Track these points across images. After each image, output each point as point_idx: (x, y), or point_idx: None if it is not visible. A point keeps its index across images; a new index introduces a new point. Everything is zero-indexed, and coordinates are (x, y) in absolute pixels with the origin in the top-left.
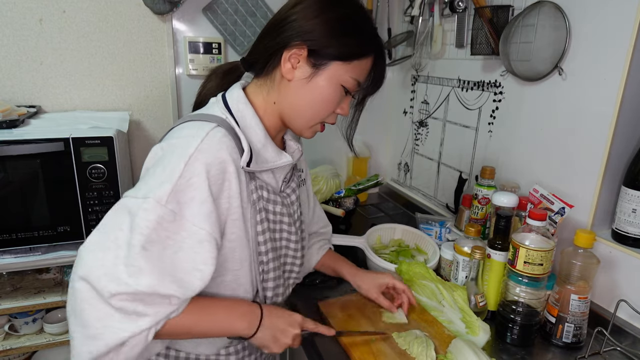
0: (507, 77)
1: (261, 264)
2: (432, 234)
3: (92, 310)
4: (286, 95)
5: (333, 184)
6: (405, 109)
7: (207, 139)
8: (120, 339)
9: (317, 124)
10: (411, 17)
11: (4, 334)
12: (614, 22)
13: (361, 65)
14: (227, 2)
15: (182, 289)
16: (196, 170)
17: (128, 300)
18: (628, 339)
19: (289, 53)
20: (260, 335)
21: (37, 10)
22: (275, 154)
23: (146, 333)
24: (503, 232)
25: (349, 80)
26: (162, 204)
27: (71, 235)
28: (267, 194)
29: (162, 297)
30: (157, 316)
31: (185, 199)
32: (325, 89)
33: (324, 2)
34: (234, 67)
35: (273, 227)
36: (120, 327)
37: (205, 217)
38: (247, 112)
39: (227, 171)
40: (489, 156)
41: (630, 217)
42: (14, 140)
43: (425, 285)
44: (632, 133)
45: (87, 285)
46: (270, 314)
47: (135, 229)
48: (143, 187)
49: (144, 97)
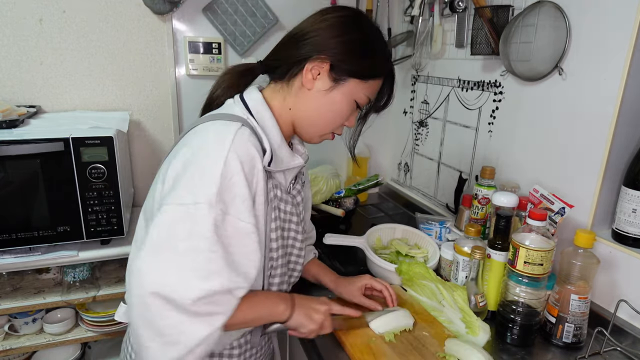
0: (507, 77)
1: (270, 260)
2: (432, 234)
3: (168, 320)
4: (303, 104)
5: (333, 184)
6: (405, 109)
7: (237, 139)
8: (199, 339)
9: (327, 133)
10: (411, 17)
11: (4, 334)
12: (614, 22)
13: (375, 84)
14: (227, 2)
15: (246, 280)
16: (235, 169)
17: (205, 303)
18: (628, 339)
19: (312, 64)
20: (296, 316)
21: (37, 10)
22: (289, 156)
23: (218, 330)
24: (503, 232)
25: (363, 97)
26: (214, 206)
27: (71, 235)
28: (280, 194)
29: (231, 292)
30: (228, 313)
31: (230, 197)
32: (340, 103)
33: (349, 23)
34: (250, 69)
35: (283, 225)
36: (196, 328)
37: (249, 211)
38: (265, 114)
39: (256, 167)
40: (489, 156)
41: (630, 217)
42: (14, 140)
43: (425, 285)
44: (632, 133)
45: (161, 299)
46: (300, 297)
47: (197, 235)
48: (186, 194)
49: (144, 97)
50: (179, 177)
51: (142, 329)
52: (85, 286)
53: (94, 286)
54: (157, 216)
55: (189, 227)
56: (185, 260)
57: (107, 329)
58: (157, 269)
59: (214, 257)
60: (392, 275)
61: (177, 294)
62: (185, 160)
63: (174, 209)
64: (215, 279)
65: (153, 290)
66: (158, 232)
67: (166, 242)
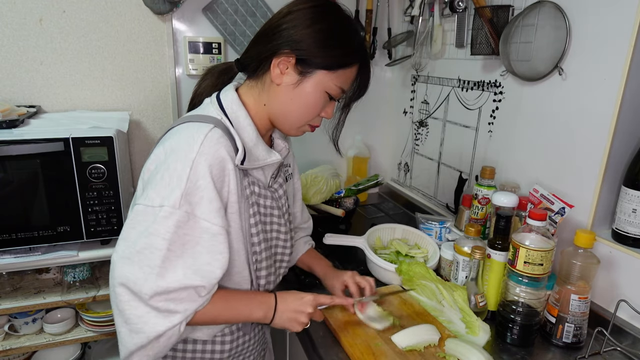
0: (507, 77)
1: (254, 254)
2: (432, 234)
3: (133, 310)
4: (275, 99)
5: (333, 184)
6: (405, 109)
7: (207, 141)
8: (157, 332)
9: (303, 125)
10: (411, 17)
11: (4, 334)
12: (614, 22)
13: (345, 74)
14: (227, 2)
15: (206, 279)
16: (201, 172)
17: (162, 300)
18: (628, 339)
19: (278, 60)
20: (279, 320)
21: (37, 10)
22: (265, 153)
23: (178, 326)
24: (503, 232)
25: (333, 88)
26: (177, 209)
27: (71, 235)
28: (258, 189)
29: (190, 291)
30: (187, 312)
31: (196, 199)
32: (310, 95)
33: (314, 14)
34: (229, 68)
35: (264, 219)
36: (156, 322)
37: (216, 213)
38: (240, 113)
39: (226, 168)
40: (489, 156)
41: (630, 217)
42: (14, 140)
43: (425, 285)
44: (632, 133)
45: (126, 290)
46: (283, 300)
47: (157, 235)
48: (154, 196)
49: (144, 97)
50: (150, 179)
51: (115, 315)
52: (85, 286)
53: (94, 286)
54: (129, 214)
55: (151, 227)
56: (144, 257)
57: (107, 329)
58: (123, 263)
59: (171, 256)
60: (392, 275)
61: (137, 287)
62: (158, 162)
63: (142, 210)
64: (170, 277)
65: (120, 281)
66: (127, 229)
67: (132, 239)
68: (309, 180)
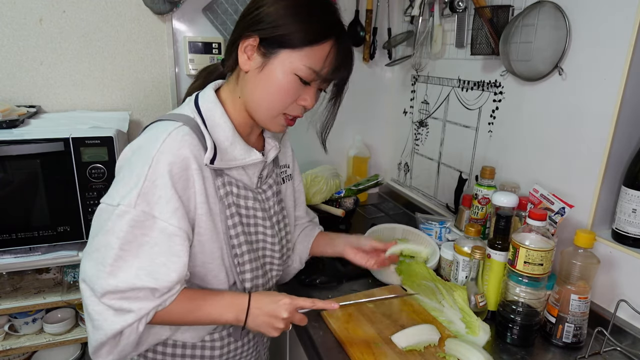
0: (507, 77)
1: (235, 256)
2: (432, 234)
3: (94, 306)
4: (245, 87)
5: (333, 184)
6: (405, 109)
7: (169, 139)
8: (114, 330)
9: (278, 115)
10: (411, 17)
11: (4, 334)
12: (614, 22)
13: (315, 52)
14: (227, 2)
15: (159, 281)
16: (159, 171)
17: (115, 298)
18: (628, 339)
19: (244, 44)
20: (251, 325)
21: (37, 10)
22: (243, 152)
23: (136, 325)
24: (503, 232)
25: (302, 69)
26: (132, 207)
27: (71, 235)
28: (237, 190)
29: (143, 291)
30: (141, 312)
31: (154, 199)
32: (276, 78)
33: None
34: (216, 68)
35: (247, 221)
36: (113, 320)
37: (172, 213)
38: (215, 111)
39: (189, 168)
40: (489, 156)
41: (630, 217)
42: (14, 140)
43: (425, 285)
44: (632, 133)
45: (86, 286)
46: (258, 302)
47: (112, 233)
48: (115, 194)
49: (144, 97)
50: (116, 177)
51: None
52: None
53: None
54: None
55: (107, 225)
56: (100, 255)
57: None
58: (85, 260)
59: (125, 255)
60: (392, 275)
61: (92, 284)
62: (124, 160)
63: (103, 208)
64: (121, 277)
65: (82, 277)
66: (92, 226)
67: (92, 237)
68: (309, 180)
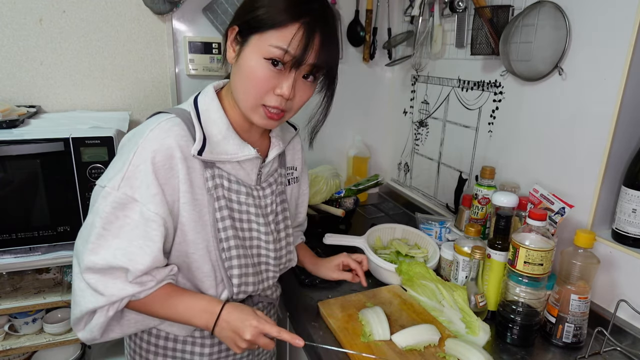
0: (507, 77)
1: (223, 250)
2: (432, 234)
3: (77, 282)
4: (231, 81)
5: (333, 184)
6: (405, 109)
7: (157, 129)
8: (87, 308)
9: (256, 106)
10: (411, 17)
11: (4, 334)
12: (614, 22)
13: (281, 32)
14: (227, 2)
15: (132, 262)
16: (143, 157)
17: (94, 277)
18: (628, 339)
19: (230, 38)
20: (218, 335)
21: (37, 10)
22: (237, 147)
23: (106, 308)
24: (503, 232)
25: (269, 49)
26: (115, 190)
27: (71, 235)
28: (228, 184)
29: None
30: (112, 298)
31: (137, 183)
32: (250, 65)
33: None
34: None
35: (239, 216)
36: (89, 299)
37: (151, 198)
38: (212, 106)
39: (173, 157)
40: (489, 156)
41: (630, 217)
42: (14, 140)
43: (425, 285)
44: (632, 133)
45: (75, 261)
46: (229, 315)
47: (97, 213)
48: (104, 177)
49: (144, 97)
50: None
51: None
52: None
53: None
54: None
55: (94, 205)
56: (86, 232)
57: None
58: (77, 237)
59: (107, 235)
60: (392, 275)
61: (78, 259)
62: (121, 144)
63: (96, 190)
64: (101, 254)
65: (74, 252)
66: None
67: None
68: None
